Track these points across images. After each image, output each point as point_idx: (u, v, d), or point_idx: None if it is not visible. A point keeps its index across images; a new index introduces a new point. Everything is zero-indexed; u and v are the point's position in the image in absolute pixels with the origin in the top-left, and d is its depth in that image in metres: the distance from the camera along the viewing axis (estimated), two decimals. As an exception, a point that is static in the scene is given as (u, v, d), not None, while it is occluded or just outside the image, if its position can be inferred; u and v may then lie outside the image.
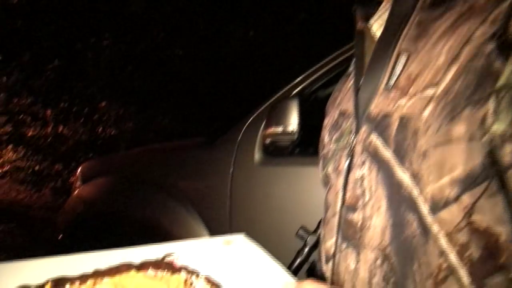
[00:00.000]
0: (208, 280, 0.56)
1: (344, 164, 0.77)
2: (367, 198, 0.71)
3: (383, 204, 0.68)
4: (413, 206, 0.64)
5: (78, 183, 2.69)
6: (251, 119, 1.83)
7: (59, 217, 2.75)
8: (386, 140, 0.67)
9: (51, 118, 8.01)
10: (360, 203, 0.72)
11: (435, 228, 0.62)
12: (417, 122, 0.63)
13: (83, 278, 0.56)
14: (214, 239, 0.75)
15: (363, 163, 0.72)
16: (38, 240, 4.50)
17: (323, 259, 0.83)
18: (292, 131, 1.52)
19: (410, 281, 0.64)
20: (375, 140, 0.69)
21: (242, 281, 0.56)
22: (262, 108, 1.80)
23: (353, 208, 0.73)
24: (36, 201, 7.43)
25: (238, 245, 0.72)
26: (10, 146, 8.69)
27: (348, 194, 0.75)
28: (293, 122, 1.52)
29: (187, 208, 1.92)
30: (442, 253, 0.61)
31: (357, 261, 0.72)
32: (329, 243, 0.80)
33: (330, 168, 0.83)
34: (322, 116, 0.96)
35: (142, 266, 0.61)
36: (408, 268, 0.65)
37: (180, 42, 6.74)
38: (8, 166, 8.74)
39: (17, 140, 8.48)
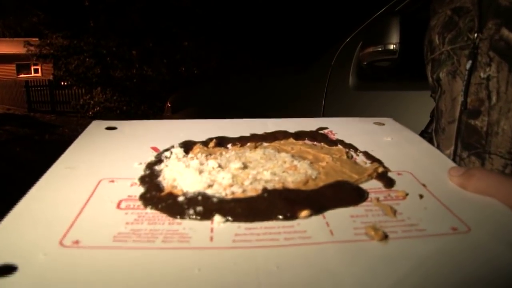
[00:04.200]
0: (368, 155, 0.53)
1: (466, 66, 0.69)
2: (493, 101, 0.64)
3: None
4: None
5: (168, 114, 2.77)
6: (346, 41, 1.75)
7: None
8: None
9: (136, 59, 8.29)
10: (484, 107, 0.65)
11: None
12: None
13: (243, 140, 0.56)
14: (364, 119, 0.69)
15: (490, 62, 0.64)
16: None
17: None
18: (393, 49, 1.43)
19: None
20: (507, 34, 0.61)
21: (403, 161, 0.51)
22: (358, 30, 1.71)
23: (476, 112, 0.67)
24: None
25: (391, 127, 0.66)
26: (99, 88, 9.18)
27: (470, 98, 0.68)
28: (394, 39, 1.43)
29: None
30: None
31: None
32: (446, 153, 0.73)
33: (443, 72, 0.75)
34: (424, 36, 0.88)
35: (299, 135, 0.59)
36: None
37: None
38: (98, 108, 9.29)
39: (105, 82, 8.93)
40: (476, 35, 0.67)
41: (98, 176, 0.43)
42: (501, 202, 0.40)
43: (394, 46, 1.43)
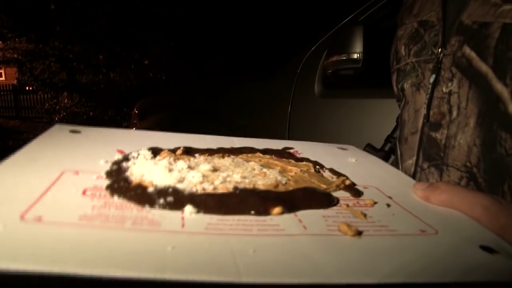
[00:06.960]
0: (334, 171, 0.53)
1: (429, 80, 0.69)
2: (454, 115, 0.64)
3: (472, 121, 0.62)
4: (510, 123, 0.57)
5: (135, 120, 2.74)
6: (311, 50, 1.78)
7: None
8: (482, 52, 0.60)
9: (103, 64, 8.18)
10: (445, 120, 0.66)
11: None
12: None
13: (211, 151, 0.56)
14: (328, 144, 0.71)
15: (452, 78, 0.65)
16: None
17: None
18: (356, 58, 1.46)
19: None
20: (469, 52, 0.62)
21: (368, 178, 0.52)
22: (323, 38, 1.74)
23: (437, 125, 0.67)
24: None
25: (353, 151, 0.68)
26: (65, 93, 9.00)
27: (432, 111, 0.69)
28: (357, 49, 1.46)
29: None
30: None
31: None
32: (409, 162, 0.75)
33: (407, 83, 0.76)
34: (387, 45, 0.89)
35: (265, 152, 0.59)
36: (498, 189, 0.59)
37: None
38: (64, 113, 9.09)
39: (72, 87, 8.76)
40: (439, 50, 0.68)
41: (61, 168, 0.40)
42: (464, 214, 0.41)
43: (358, 55, 1.46)
